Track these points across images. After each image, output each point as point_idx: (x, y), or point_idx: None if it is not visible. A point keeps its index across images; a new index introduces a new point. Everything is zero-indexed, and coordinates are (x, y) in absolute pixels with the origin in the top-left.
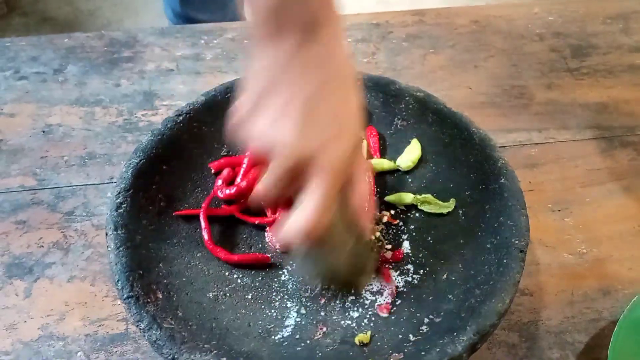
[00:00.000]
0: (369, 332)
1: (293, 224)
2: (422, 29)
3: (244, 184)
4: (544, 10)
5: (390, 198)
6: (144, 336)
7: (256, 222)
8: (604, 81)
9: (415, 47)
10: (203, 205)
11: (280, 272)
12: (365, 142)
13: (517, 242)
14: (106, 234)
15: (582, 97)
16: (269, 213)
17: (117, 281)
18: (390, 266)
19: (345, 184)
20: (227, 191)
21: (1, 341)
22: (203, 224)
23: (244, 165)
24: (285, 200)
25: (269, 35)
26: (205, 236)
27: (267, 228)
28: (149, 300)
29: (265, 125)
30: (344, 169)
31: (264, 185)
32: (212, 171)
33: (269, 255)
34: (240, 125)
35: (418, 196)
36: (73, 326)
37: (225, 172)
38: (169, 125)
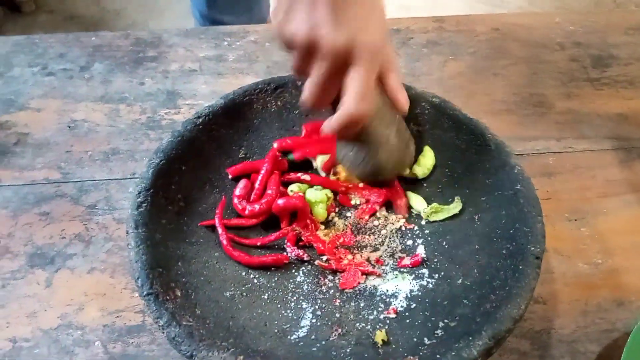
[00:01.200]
0: (384, 330)
1: (344, 109)
2: (442, 36)
3: (257, 207)
4: (565, 19)
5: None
6: (163, 332)
7: (272, 237)
8: (624, 92)
9: (434, 54)
10: (217, 210)
11: (296, 273)
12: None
13: (533, 248)
14: (127, 232)
15: (601, 107)
16: (283, 225)
17: (137, 278)
18: (406, 271)
19: (381, 65)
20: (248, 207)
21: (22, 328)
22: (220, 230)
23: (262, 172)
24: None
25: None
26: (224, 241)
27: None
28: (168, 297)
29: (299, 24)
30: (380, 52)
31: (310, 88)
32: (230, 176)
33: (287, 255)
34: (278, 30)
35: (426, 209)
36: (91, 316)
37: (241, 184)
38: (188, 127)
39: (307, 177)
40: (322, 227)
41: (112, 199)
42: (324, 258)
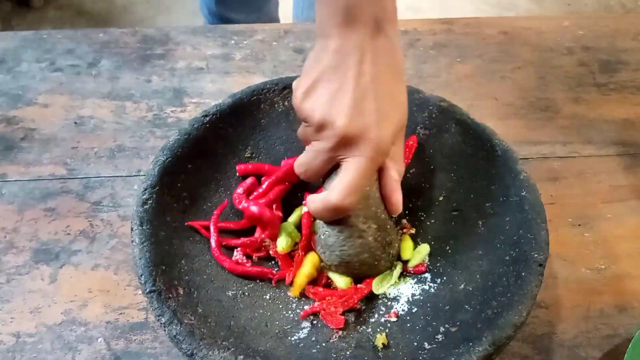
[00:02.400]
0: (384, 334)
1: (328, 197)
2: (450, 38)
3: (256, 208)
4: (574, 24)
5: None
6: (164, 331)
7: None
8: (632, 98)
9: (442, 56)
10: (215, 212)
11: None
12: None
13: (536, 255)
14: (131, 229)
15: (608, 112)
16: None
17: (141, 275)
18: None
19: (385, 162)
20: (244, 203)
21: (26, 323)
22: (212, 228)
23: (267, 182)
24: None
25: (337, 26)
26: (213, 243)
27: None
28: (170, 295)
29: (321, 101)
30: (387, 149)
31: (305, 162)
32: (237, 174)
33: (274, 271)
34: (297, 102)
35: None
36: (95, 313)
37: (249, 180)
38: (195, 126)
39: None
40: None
41: (117, 196)
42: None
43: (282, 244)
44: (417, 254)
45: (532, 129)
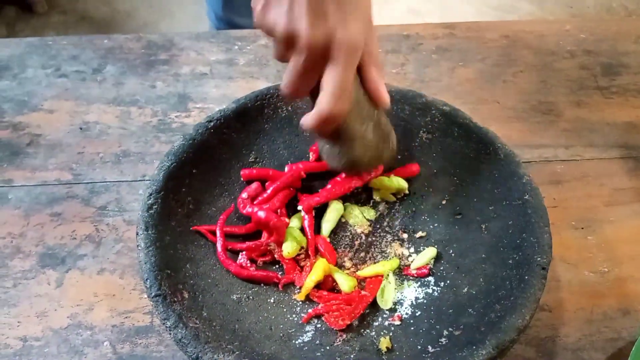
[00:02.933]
0: (388, 337)
1: (318, 109)
2: (452, 42)
3: (263, 214)
4: (575, 27)
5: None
6: (170, 334)
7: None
8: (634, 101)
9: (444, 60)
10: (221, 216)
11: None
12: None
13: (539, 259)
14: (137, 234)
15: (610, 116)
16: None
17: (146, 279)
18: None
19: (362, 59)
20: (248, 208)
21: (32, 327)
22: (218, 233)
23: (272, 187)
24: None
25: None
26: (219, 248)
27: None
28: (175, 299)
29: (280, 12)
30: (358, 48)
31: (288, 78)
32: (242, 179)
33: (279, 275)
34: (258, 18)
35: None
36: (101, 317)
37: (254, 185)
38: (200, 131)
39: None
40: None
41: (122, 200)
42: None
43: (288, 248)
44: (421, 256)
45: (535, 133)
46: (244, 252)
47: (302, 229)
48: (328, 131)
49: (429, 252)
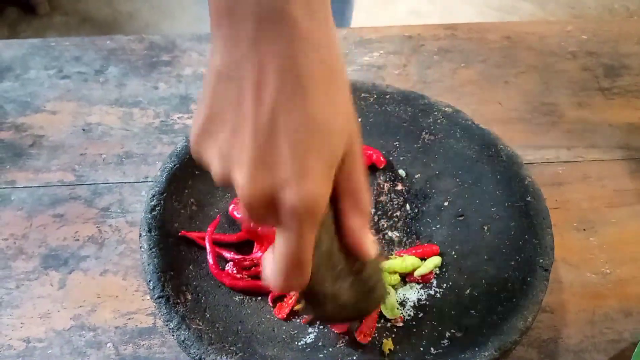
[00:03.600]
0: (390, 339)
1: (269, 272)
2: (454, 43)
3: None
4: (577, 28)
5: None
6: (173, 336)
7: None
8: (636, 102)
9: (446, 61)
10: (209, 228)
11: None
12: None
13: (541, 260)
14: (140, 235)
15: (612, 117)
16: (256, 248)
17: (149, 281)
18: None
19: (339, 201)
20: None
21: (35, 328)
22: (208, 247)
23: None
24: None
25: (218, 25)
26: (210, 260)
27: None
28: (178, 301)
29: (216, 156)
30: (316, 206)
31: (242, 215)
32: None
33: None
34: (194, 145)
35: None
36: (104, 318)
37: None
38: None
39: None
40: None
41: (125, 202)
42: None
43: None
44: (426, 264)
45: (536, 134)
46: (230, 263)
47: None
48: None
49: (434, 261)
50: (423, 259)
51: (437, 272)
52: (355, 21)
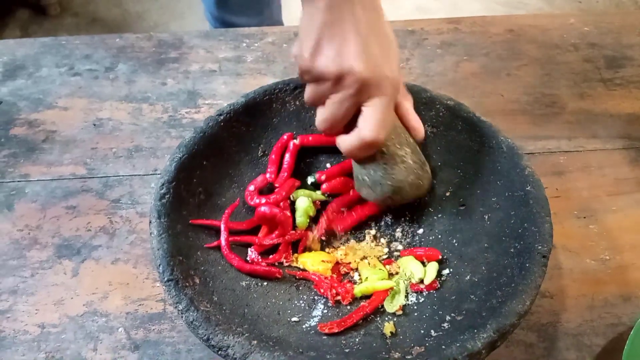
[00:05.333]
0: (392, 322)
1: (360, 134)
2: (457, 37)
3: (267, 208)
4: (579, 21)
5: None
6: (182, 317)
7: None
8: (637, 92)
9: (449, 54)
10: (227, 210)
11: None
12: None
13: (540, 247)
14: (150, 222)
15: (614, 107)
16: (262, 233)
17: (159, 265)
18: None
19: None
20: (256, 199)
21: (50, 315)
22: (223, 227)
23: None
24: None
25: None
26: (223, 242)
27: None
28: (187, 284)
29: (332, 55)
30: (400, 82)
31: (329, 114)
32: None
33: (280, 270)
34: (307, 65)
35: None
36: (115, 304)
37: (259, 178)
38: (210, 124)
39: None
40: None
41: (135, 193)
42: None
43: (303, 204)
44: (429, 274)
45: (538, 125)
46: (252, 247)
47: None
48: (364, 156)
49: (434, 267)
50: (423, 262)
51: (440, 258)
52: None
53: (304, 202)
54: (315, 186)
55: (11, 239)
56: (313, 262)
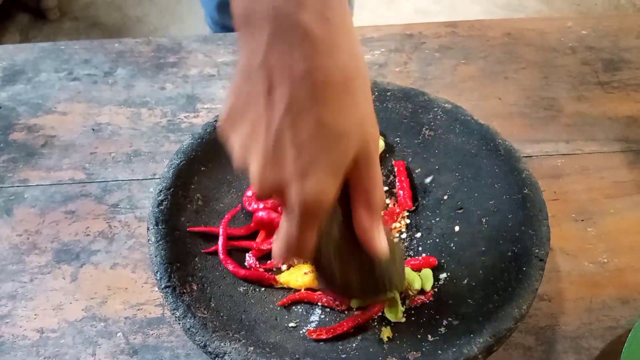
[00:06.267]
0: (389, 327)
1: (274, 250)
2: (455, 40)
3: (264, 214)
4: (577, 24)
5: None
6: (179, 324)
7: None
8: (635, 95)
9: (447, 58)
10: (227, 215)
11: None
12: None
13: (537, 251)
14: (148, 229)
15: (611, 110)
16: (260, 237)
17: (156, 272)
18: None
19: (352, 197)
20: (254, 205)
21: (49, 320)
22: (221, 231)
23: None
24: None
25: (239, 30)
26: (220, 246)
27: None
28: (184, 290)
29: (236, 145)
30: (317, 204)
31: (252, 192)
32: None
33: (276, 277)
34: (221, 130)
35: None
36: (114, 309)
37: None
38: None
39: None
40: None
41: (134, 198)
42: None
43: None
44: (427, 280)
45: (536, 128)
46: (250, 252)
47: None
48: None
49: (427, 276)
50: (419, 271)
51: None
52: (359, 20)
53: None
54: None
55: (10, 243)
56: (295, 278)
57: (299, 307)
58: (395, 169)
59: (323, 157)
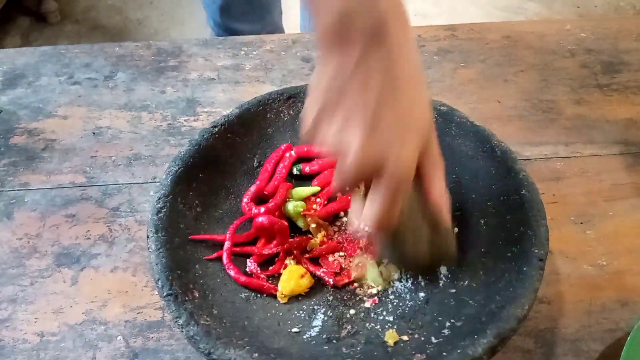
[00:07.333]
0: (393, 330)
1: (364, 220)
2: (454, 44)
3: (265, 219)
4: (576, 26)
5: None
6: (182, 331)
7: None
8: (634, 98)
9: (446, 61)
10: (235, 222)
11: None
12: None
13: (536, 251)
14: (147, 236)
15: (610, 113)
16: (259, 243)
17: (158, 280)
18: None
19: (421, 176)
20: (254, 209)
21: (49, 323)
22: (228, 235)
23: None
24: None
25: (334, 43)
26: (225, 253)
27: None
28: (186, 298)
29: (331, 134)
30: (410, 172)
31: (335, 185)
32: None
33: (276, 286)
34: (308, 133)
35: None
36: (114, 312)
37: (253, 188)
38: (205, 136)
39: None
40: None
41: (134, 202)
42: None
43: (292, 208)
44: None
45: (535, 131)
46: (251, 259)
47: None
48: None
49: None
50: None
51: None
52: None
53: (292, 206)
54: (300, 177)
55: (11, 247)
56: (297, 284)
57: (301, 311)
58: None
59: (412, 134)
